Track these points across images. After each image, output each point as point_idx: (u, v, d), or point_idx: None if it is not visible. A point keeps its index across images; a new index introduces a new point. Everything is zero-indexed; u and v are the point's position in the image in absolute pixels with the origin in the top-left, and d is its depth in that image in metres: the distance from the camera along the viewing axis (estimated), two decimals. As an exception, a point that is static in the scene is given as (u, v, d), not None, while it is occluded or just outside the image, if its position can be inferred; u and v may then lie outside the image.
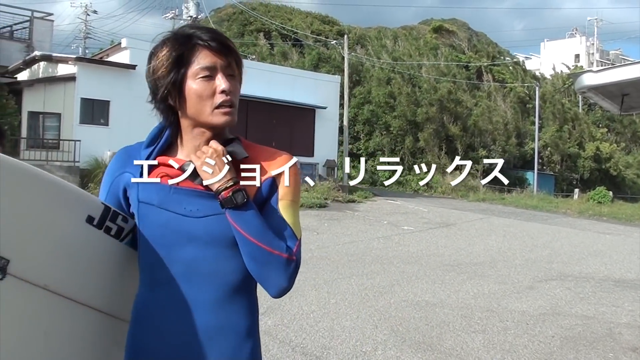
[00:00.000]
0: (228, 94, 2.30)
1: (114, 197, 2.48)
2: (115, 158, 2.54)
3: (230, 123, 2.35)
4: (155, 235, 2.34)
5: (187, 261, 2.32)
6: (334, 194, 30.59)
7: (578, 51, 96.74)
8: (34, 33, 37.49)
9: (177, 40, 2.32)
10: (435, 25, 73.40)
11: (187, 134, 2.40)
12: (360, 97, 49.11)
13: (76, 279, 2.33)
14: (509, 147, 52.14)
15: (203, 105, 2.29)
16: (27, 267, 2.12)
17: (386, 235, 20.17)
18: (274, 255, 2.27)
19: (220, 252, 2.33)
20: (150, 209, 2.35)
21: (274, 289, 2.32)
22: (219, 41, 2.31)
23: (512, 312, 10.40)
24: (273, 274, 2.29)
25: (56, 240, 2.24)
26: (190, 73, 2.29)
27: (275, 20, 59.75)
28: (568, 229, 25.37)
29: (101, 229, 2.37)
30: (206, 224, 2.32)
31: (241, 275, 2.35)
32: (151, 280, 2.38)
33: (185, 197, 2.33)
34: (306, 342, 8.18)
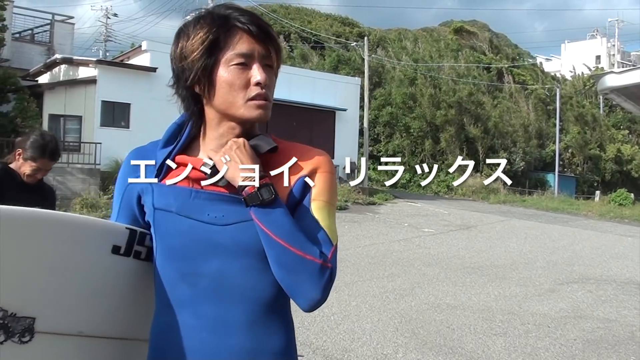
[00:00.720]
0: (263, 87, 2.04)
1: (127, 206, 2.22)
2: (127, 161, 2.25)
3: (264, 118, 2.09)
4: (175, 246, 2.06)
5: (214, 275, 2.03)
6: (354, 196, 30.52)
7: (599, 52, 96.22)
8: (55, 36, 37.65)
9: (214, 21, 2.04)
10: (456, 27, 73.36)
11: (213, 130, 2.13)
12: (381, 99, 49.02)
13: (110, 315, 2.17)
14: (530, 149, 52.00)
15: (234, 97, 2.03)
16: (56, 320, 1.98)
17: (407, 237, 20.12)
18: (306, 261, 1.98)
19: (251, 265, 2.04)
20: (169, 217, 2.07)
21: (305, 301, 2.01)
22: (259, 25, 2.05)
23: (534, 314, 10.36)
24: (305, 283, 1.98)
25: (83, 282, 2.07)
26: (224, 59, 2.02)
27: (295, 22, 59.86)
28: (589, 232, 25.27)
29: (130, 256, 2.16)
30: (234, 233, 2.03)
31: (276, 291, 2.07)
32: (171, 299, 2.08)
33: (208, 202, 2.05)
34: (327, 344, 8.17)
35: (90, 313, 2.09)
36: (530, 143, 52.58)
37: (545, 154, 54.36)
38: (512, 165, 49.06)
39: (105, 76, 28.87)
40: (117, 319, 2.19)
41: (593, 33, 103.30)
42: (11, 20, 33.18)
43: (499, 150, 49.26)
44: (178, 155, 2.13)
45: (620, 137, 60.39)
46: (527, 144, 52.07)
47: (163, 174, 2.12)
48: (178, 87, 2.13)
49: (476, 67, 58.53)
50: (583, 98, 64.89)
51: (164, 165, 2.12)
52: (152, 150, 2.20)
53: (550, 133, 55.03)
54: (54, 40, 37.51)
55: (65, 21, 39.38)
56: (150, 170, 2.14)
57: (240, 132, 2.09)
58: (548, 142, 54.96)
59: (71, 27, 39.77)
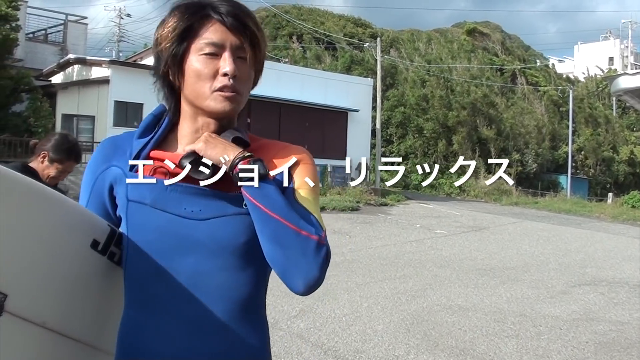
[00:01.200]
0: (231, 78, 1.94)
1: (98, 198, 2.12)
2: (99, 150, 2.17)
3: (231, 111, 1.99)
4: (149, 241, 1.96)
5: (189, 273, 1.94)
6: (366, 197, 30.53)
7: (612, 54, 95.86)
8: (68, 36, 37.79)
9: (188, 8, 1.98)
10: (469, 28, 73.32)
11: (189, 123, 2.07)
12: (394, 100, 49.01)
13: (75, 312, 2.02)
14: (542, 151, 51.92)
15: (201, 86, 1.96)
16: (25, 302, 1.83)
17: (419, 238, 20.10)
18: (302, 236, 1.87)
19: (228, 262, 1.96)
20: (143, 209, 1.97)
21: (302, 281, 1.87)
22: (235, 15, 1.97)
23: (546, 317, 10.33)
24: (302, 260, 1.86)
25: (58, 269, 1.93)
26: (194, 47, 1.96)
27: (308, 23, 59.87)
28: (602, 234, 25.19)
29: (105, 255, 2.04)
30: (211, 228, 1.95)
31: (252, 290, 2.02)
32: (143, 298, 1.99)
33: (185, 195, 1.97)
34: (338, 345, 8.16)
35: (57, 304, 1.95)
36: (542, 145, 52.51)
37: (557, 155, 54.28)
38: (525, 167, 49.07)
39: (118, 76, 28.95)
40: (81, 317, 2.06)
41: (606, 34, 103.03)
42: (25, 20, 33.35)
43: (512, 152, 49.18)
44: (154, 150, 2.05)
45: (633, 139, 60.28)
46: (539, 146, 51.99)
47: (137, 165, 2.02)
48: (155, 74, 2.08)
49: (489, 69, 58.46)
50: (596, 100, 64.78)
51: (139, 157, 2.03)
52: (127, 141, 2.13)
53: (563, 135, 54.96)
54: (67, 41, 37.66)
55: (78, 21, 39.55)
56: (125, 161, 2.06)
57: (216, 128, 2.04)
58: (561, 143, 54.89)
59: (84, 28, 39.92)
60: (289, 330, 8.63)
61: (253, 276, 2.01)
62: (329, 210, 24.96)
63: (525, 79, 61.75)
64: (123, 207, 2.02)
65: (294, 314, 9.49)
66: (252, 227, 1.95)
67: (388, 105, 47.73)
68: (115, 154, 2.09)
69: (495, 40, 72.41)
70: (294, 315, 9.43)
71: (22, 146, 25.64)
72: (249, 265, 1.99)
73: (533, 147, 51.06)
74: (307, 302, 10.06)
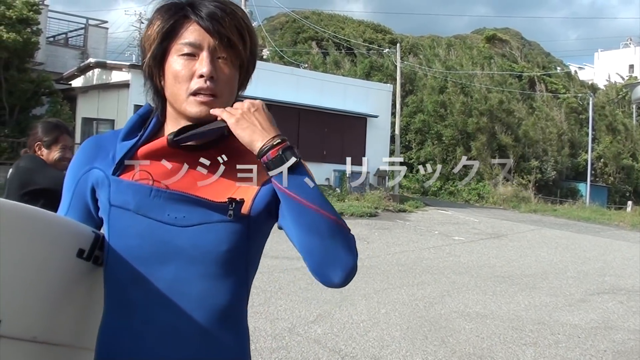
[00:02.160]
0: (207, 80, 1.91)
1: (80, 200, 2.09)
2: (81, 151, 2.12)
3: (208, 115, 1.93)
4: (130, 246, 1.94)
5: (169, 280, 1.92)
6: (385, 203, 30.45)
7: (632, 61, 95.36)
8: (89, 40, 37.88)
9: (169, 9, 1.96)
10: (489, 35, 73.28)
11: (174, 124, 2.02)
12: (413, 106, 48.93)
13: (64, 321, 2.04)
14: (562, 158, 51.73)
15: (178, 89, 1.94)
16: (16, 323, 1.83)
17: (437, 245, 20.07)
18: (339, 226, 1.86)
19: (209, 271, 1.94)
20: (125, 215, 1.95)
21: (342, 271, 1.86)
22: (213, 15, 1.92)
23: (564, 325, 10.30)
24: (341, 249, 1.85)
25: (46, 284, 1.92)
26: (174, 48, 1.94)
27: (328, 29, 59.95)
28: (621, 242, 25.09)
29: (90, 261, 2.02)
30: (193, 235, 1.93)
31: (233, 298, 1.98)
32: (122, 304, 1.97)
33: (168, 201, 1.94)
34: (356, 351, 8.16)
35: (48, 318, 1.97)
36: (562, 152, 52.31)
37: (577, 163, 54.06)
38: (544, 174, 48.85)
39: (138, 80, 28.66)
40: (72, 326, 2.09)
41: (626, 42, 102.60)
42: (46, 24, 33.45)
43: (530, 159, 49.01)
44: (140, 148, 2.01)
45: (653, 147, 59.99)
46: (559, 153, 51.80)
47: (122, 169, 2.00)
48: (144, 77, 2.06)
49: (509, 75, 58.33)
50: (616, 107, 64.51)
51: (123, 160, 1.99)
52: (110, 141, 2.08)
53: (583, 142, 54.74)
54: (87, 44, 37.75)
55: (99, 25, 39.63)
56: (108, 163, 2.02)
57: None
58: (580, 151, 54.66)
59: (105, 32, 40.01)
60: (307, 336, 8.63)
61: (234, 285, 1.98)
62: (347, 216, 24.91)
63: (544, 86, 61.58)
64: (105, 212, 2.00)
65: (311, 320, 9.50)
66: (235, 235, 1.95)
67: (407, 111, 47.71)
68: (98, 155, 2.06)
69: (515, 47, 72.29)
70: (312, 321, 9.43)
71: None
72: (230, 274, 1.97)
73: (552, 154, 50.85)
74: (325, 307, 10.07)
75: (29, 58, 27.88)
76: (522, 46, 77.50)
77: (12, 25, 25.62)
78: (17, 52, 25.92)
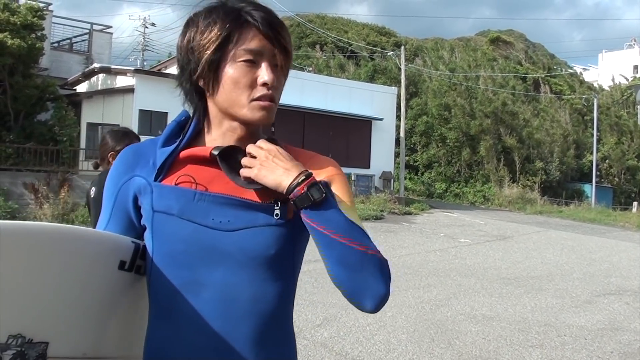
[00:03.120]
0: (269, 88, 1.92)
1: (122, 210, 2.05)
2: (121, 160, 2.09)
3: (267, 120, 1.95)
4: (176, 252, 1.90)
5: (219, 286, 1.88)
6: (390, 206, 30.47)
7: (636, 62, 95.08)
8: (93, 45, 37.93)
9: (227, 14, 1.91)
10: (492, 37, 73.20)
11: (216, 128, 2.01)
12: (417, 109, 48.94)
13: (113, 334, 2.01)
14: (567, 159, 51.69)
15: (238, 95, 1.91)
16: (66, 343, 1.81)
17: (443, 247, 20.07)
18: (369, 256, 1.83)
19: (258, 275, 1.90)
20: (169, 220, 1.91)
21: (373, 300, 1.84)
22: (271, 23, 1.92)
23: (570, 326, 10.30)
24: (371, 279, 1.83)
25: (90, 301, 1.89)
26: (232, 55, 1.90)
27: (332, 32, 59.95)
28: (626, 243, 25.06)
29: (132, 271, 1.99)
30: (239, 239, 1.89)
31: (282, 303, 1.96)
32: (170, 312, 1.92)
33: (213, 205, 1.91)
34: (362, 354, 8.16)
35: (96, 334, 1.93)
36: (567, 153, 52.28)
37: (582, 164, 54.02)
38: (549, 176, 48.84)
39: (142, 85, 29.01)
40: (119, 337, 2.05)
41: (631, 43, 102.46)
42: (50, 29, 33.50)
43: (535, 160, 48.99)
44: (184, 151, 1.99)
45: (658, 148, 59.93)
46: (564, 154, 51.76)
47: (163, 174, 1.97)
48: (182, 79, 2.01)
49: (513, 77, 58.30)
50: (620, 108, 64.46)
51: (165, 166, 1.97)
52: (150, 149, 2.06)
53: (588, 143, 54.69)
54: (92, 50, 37.80)
55: (103, 30, 39.69)
56: (149, 170, 2.00)
57: (243, 134, 1.99)
58: (585, 152, 54.62)
59: (109, 37, 40.06)
60: (313, 340, 8.64)
61: (282, 288, 1.96)
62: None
63: (549, 87, 61.56)
64: (148, 218, 1.95)
65: (317, 323, 9.50)
66: (282, 238, 1.92)
67: (412, 114, 47.67)
68: (138, 163, 2.03)
69: (519, 48, 72.25)
70: (318, 324, 9.44)
71: (47, 155, 25.79)
72: (278, 278, 1.94)
73: (557, 155, 50.82)
74: (331, 311, 10.08)
75: (34, 64, 27.86)
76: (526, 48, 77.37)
77: (17, 31, 25.63)
78: (22, 57, 25.92)
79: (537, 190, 45.34)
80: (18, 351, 1.66)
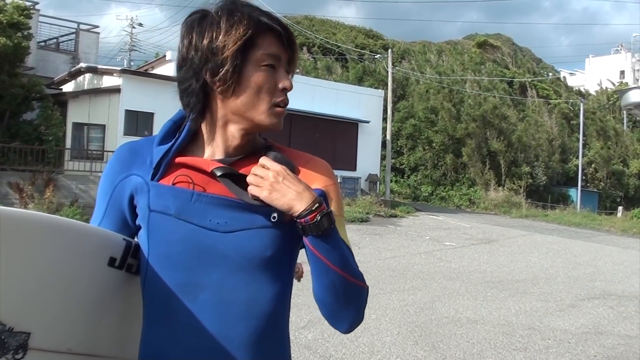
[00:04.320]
0: (285, 94, 1.94)
1: (116, 208, 2.02)
2: (117, 157, 2.07)
3: (279, 127, 1.97)
4: (172, 253, 1.88)
5: (214, 287, 1.87)
6: (376, 209, 30.51)
7: (623, 67, 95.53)
8: (80, 45, 37.85)
9: (250, 17, 1.89)
10: (480, 41, 73.34)
11: (218, 131, 1.98)
12: (404, 112, 49.04)
13: (100, 331, 1.99)
14: (553, 164, 51.85)
15: (259, 99, 1.91)
16: (49, 336, 1.80)
17: (428, 250, 20.09)
18: (358, 288, 1.92)
19: (254, 277, 1.90)
20: (166, 220, 1.89)
21: (347, 324, 1.97)
22: (287, 30, 1.94)
23: (554, 330, 10.32)
24: (351, 307, 1.93)
25: (77, 294, 1.88)
26: (255, 58, 1.89)
27: (320, 34, 59.97)
28: (611, 247, 25.12)
29: (122, 269, 1.98)
30: (236, 241, 1.88)
31: (279, 305, 1.96)
32: (166, 314, 1.90)
33: (210, 206, 1.90)
34: (346, 357, 8.17)
35: (83, 330, 1.92)
36: (553, 157, 52.44)
37: (567, 168, 54.20)
38: (535, 180, 48.97)
39: (129, 85, 28.93)
40: (109, 337, 2.04)
41: (617, 48, 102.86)
42: (37, 28, 33.40)
43: (522, 164, 49.12)
44: (179, 157, 1.98)
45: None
46: (550, 158, 51.92)
47: (160, 174, 1.96)
48: (191, 79, 1.94)
49: (499, 81, 58.45)
50: (607, 113, 64.71)
51: (161, 165, 1.96)
52: (146, 147, 2.04)
53: (573, 148, 54.88)
54: (79, 49, 37.73)
55: (90, 30, 39.61)
56: (145, 169, 1.98)
57: (245, 140, 1.99)
58: (571, 156, 54.81)
59: (96, 37, 39.98)
60: (297, 342, 8.63)
61: (279, 291, 1.96)
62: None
63: (536, 91, 61.73)
64: (144, 218, 1.94)
65: (302, 325, 9.50)
66: (279, 240, 1.93)
67: (399, 116, 47.79)
68: (135, 161, 2.01)
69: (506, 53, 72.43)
70: (302, 327, 9.43)
71: (32, 154, 25.70)
72: (275, 280, 1.94)
73: (543, 159, 50.97)
74: (315, 313, 10.04)
75: (20, 63, 27.75)
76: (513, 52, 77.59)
77: (3, 29, 25.55)
78: (8, 56, 25.83)
79: (523, 194, 45.47)
80: None
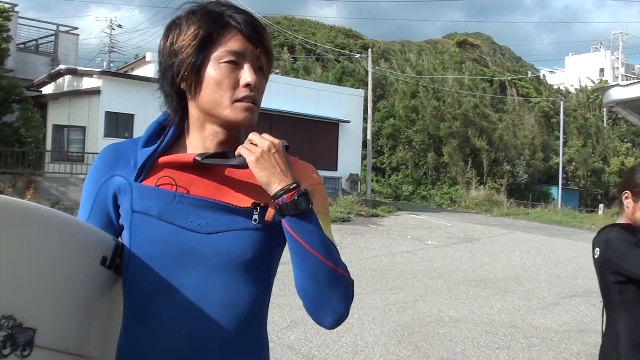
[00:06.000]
0: (252, 89, 1.92)
1: (101, 209, 2.03)
2: (101, 158, 2.08)
3: (250, 121, 1.95)
4: (153, 253, 1.90)
5: (193, 288, 1.88)
6: (357, 208, 30.52)
7: (603, 65, 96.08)
8: (59, 47, 37.79)
9: (207, 15, 1.92)
10: (459, 40, 73.48)
11: (197, 131, 2.01)
12: (384, 111, 49.16)
13: (91, 333, 1.97)
14: (534, 162, 52.03)
15: (221, 96, 1.91)
16: (51, 333, 1.77)
17: (410, 249, 20.09)
18: (338, 275, 1.87)
19: (233, 278, 1.91)
20: (148, 221, 1.91)
21: (332, 317, 1.92)
22: (253, 25, 1.94)
23: (537, 328, 10.33)
24: (335, 298, 1.88)
25: (75, 292, 1.87)
26: (214, 56, 1.90)
27: (299, 34, 59.95)
28: (593, 245, 25.19)
29: (112, 269, 1.98)
30: (217, 242, 1.90)
31: (257, 306, 1.97)
32: (144, 313, 1.91)
33: (192, 207, 1.91)
34: (329, 357, 8.15)
35: (78, 329, 1.90)
36: (535, 156, 52.64)
37: (548, 166, 54.43)
38: (516, 178, 49.14)
39: (109, 87, 28.90)
40: (99, 338, 2.03)
41: (597, 46, 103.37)
42: (16, 30, 33.34)
43: (503, 163, 49.28)
44: (162, 157, 1.99)
45: (623, 150, 60.42)
46: (531, 157, 52.11)
47: (144, 175, 1.97)
48: (163, 82, 2.00)
49: (480, 80, 58.61)
50: (587, 111, 65.01)
51: (145, 166, 1.97)
52: (130, 149, 2.05)
53: (554, 146, 55.14)
54: (58, 51, 37.66)
55: (69, 32, 39.55)
56: (129, 170, 1.99)
57: (225, 137, 2.00)
58: (552, 154, 55.05)
59: (75, 38, 39.93)
60: (280, 342, 8.61)
61: (257, 294, 1.96)
62: (320, 221, 24.86)
63: (516, 90, 61.92)
64: (127, 218, 1.95)
65: (284, 326, 9.47)
66: (259, 242, 1.94)
67: (379, 116, 47.80)
68: (119, 162, 2.02)
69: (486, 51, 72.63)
70: (285, 327, 9.41)
71: (12, 156, 25.60)
72: (253, 282, 1.95)
73: (524, 158, 51.16)
74: (298, 313, 10.04)
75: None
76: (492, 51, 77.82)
77: (-18, 32, 25.49)
78: (-13, 59, 25.77)
79: (504, 192, 45.60)
80: (9, 334, 1.64)
